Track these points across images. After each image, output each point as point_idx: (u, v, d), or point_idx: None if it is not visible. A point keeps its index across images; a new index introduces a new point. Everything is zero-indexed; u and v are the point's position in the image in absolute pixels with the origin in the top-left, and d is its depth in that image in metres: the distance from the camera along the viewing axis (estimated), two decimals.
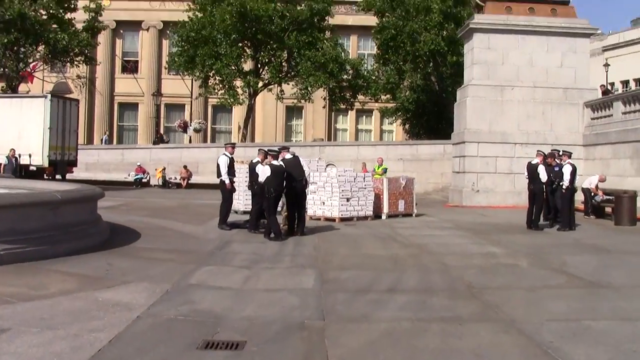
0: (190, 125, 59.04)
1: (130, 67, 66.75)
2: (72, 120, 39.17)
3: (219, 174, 19.64)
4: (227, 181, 19.38)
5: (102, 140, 60.16)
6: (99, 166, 48.47)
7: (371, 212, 24.06)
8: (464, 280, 11.92)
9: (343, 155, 45.91)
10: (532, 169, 21.77)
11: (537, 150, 23.13)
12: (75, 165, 40.22)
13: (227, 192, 19.59)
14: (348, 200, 23.31)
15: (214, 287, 10.83)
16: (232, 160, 19.71)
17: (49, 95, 37.47)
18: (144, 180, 46.10)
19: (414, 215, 25.66)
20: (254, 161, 19.38)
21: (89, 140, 65.03)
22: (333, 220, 23.04)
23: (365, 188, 23.84)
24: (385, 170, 31.49)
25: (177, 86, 61.47)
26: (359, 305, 9.65)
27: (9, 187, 17.06)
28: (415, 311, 9.33)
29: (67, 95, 45.00)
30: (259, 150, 19.80)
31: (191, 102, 61.46)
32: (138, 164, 46.34)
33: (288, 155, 18.79)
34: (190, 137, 59.79)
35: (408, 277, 12.11)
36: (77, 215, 14.10)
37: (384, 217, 24.69)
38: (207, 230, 19.37)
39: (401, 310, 9.41)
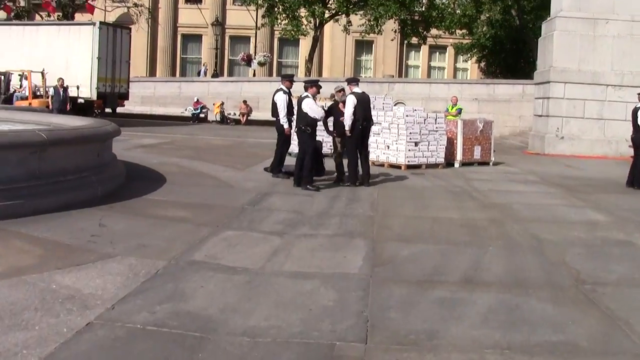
0: (255, 58, 56.22)
1: None
2: (123, 50, 36.55)
3: (274, 114, 16.64)
4: (285, 125, 16.36)
5: (198, 73, 57.27)
6: (154, 100, 45.96)
7: (442, 159, 20.90)
8: (567, 266, 8.76)
9: (414, 93, 42.69)
10: (637, 114, 18.31)
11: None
12: (127, 99, 37.77)
13: (285, 136, 16.64)
14: (416, 144, 20.19)
15: (224, 267, 7.91)
16: (290, 97, 16.68)
17: (98, 23, 34.80)
18: (201, 115, 43.45)
19: (491, 163, 22.42)
20: (303, 96, 16.28)
21: (152, 72, 62.71)
22: (398, 167, 19.99)
23: (436, 131, 20.65)
24: (459, 111, 28.14)
25: (242, 17, 58.40)
26: (422, 312, 6.59)
27: (9, 120, 14.40)
28: (505, 328, 6.19)
29: (128, 26, 42.24)
30: (308, 82, 16.72)
31: (256, 33, 58.44)
32: (196, 98, 43.64)
33: (357, 89, 15.84)
34: (254, 70, 57.00)
35: (490, 258, 9.00)
36: (73, 159, 11.28)
37: (457, 164, 21.53)
38: (249, 176, 16.54)
39: (484, 324, 6.30)
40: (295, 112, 15.85)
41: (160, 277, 7.33)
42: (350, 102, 15.49)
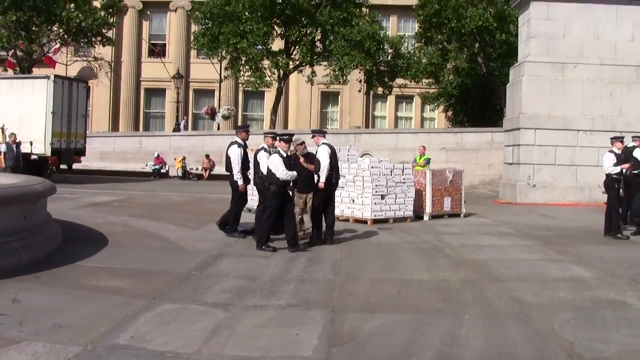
0: (219, 111, 55.17)
1: (158, 50, 62.78)
2: (79, 104, 35.24)
3: (228, 168, 15.39)
4: (240, 181, 15.11)
5: (178, 126, 55.71)
6: (115, 155, 44.58)
7: (411, 212, 19.72)
8: (558, 336, 7.52)
9: (381, 144, 41.76)
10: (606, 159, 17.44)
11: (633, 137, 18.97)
12: (83, 154, 36.32)
13: (240, 192, 15.35)
14: (383, 197, 19.00)
15: (151, 352, 6.57)
16: (245, 151, 15.45)
17: (52, 76, 33.44)
18: (162, 170, 42.16)
19: (462, 215, 21.30)
20: (261, 149, 15.09)
21: (114, 127, 61.45)
22: (364, 222, 18.79)
23: (404, 182, 19.49)
24: (428, 161, 27.08)
25: (206, 71, 57.48)
26: None
27: None
28: None
29: (85, 79, 41.06)
30: (265, 135, 15.60)
31: (220, 87, 57.50)
32: (156, 153, 42.36)
33: (323, 142, 14.76)
34: (218, 124, 55.88)
35: (468, 329, 7.74)
36: None
37: (426, 217, 20.37)
38: (203, 236, 15.25)
39: None
40: (251, 166, 14.84)
41: None
42: (326, 152, 14.38)
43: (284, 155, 13.81)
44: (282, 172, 13.42)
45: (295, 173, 13.93)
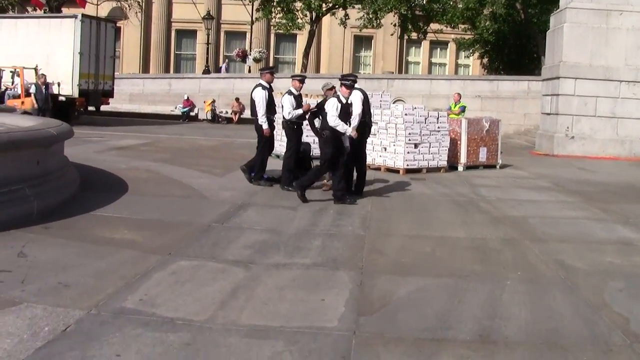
0: (250, 54, 54.30)
1: None
2: (107, 44, 34.61)
3: (253, 112, 14.78)
4: (265, 125, 14.49)
5: (220, 69, 55.00)
6: (144, 97, 43.94)
7: (445, 162, 18.95)
8: (610, 309, 6.78)
9: (414, 90, 40.80)
10: None
11: None
12: (112, 96, 35.72)
13: (266, 138, 14.73)
14: (416, 146, 18.24)
15: (160, 319, 5.92)
16: (270, 93, 14.77)
17: (80, 16, 32.75)
18: (192, 113, 41.54)
19: (498, 167, 20.48)
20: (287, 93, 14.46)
21: (145, 69, 60.78)
22: (396, 171, 18.07)
23: (438, 131, 18.69)
24: (463, 109, 26.16)
25: (237, 12, 56.46)
26: None
27: None
28: None
29: (113, 19, 40.28)
30: (293, 78, 14.89)
31: (251, 29, 56.49)
32: (186, 96, 41.68)
33: (356, 88, 13.91)
34: (249, 67, 55.02)
35: (510, 298, 7.02)
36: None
37: (460, 168, 19.61)
38: (227, 184, 14.60)
39: None
40: (276, 109, 14.69)
41: (66, 339, 5.37)
42: (359, 98, 13.55)
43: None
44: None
45: (300, 111, 13.92)
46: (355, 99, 13.44)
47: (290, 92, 14.12)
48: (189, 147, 22.98)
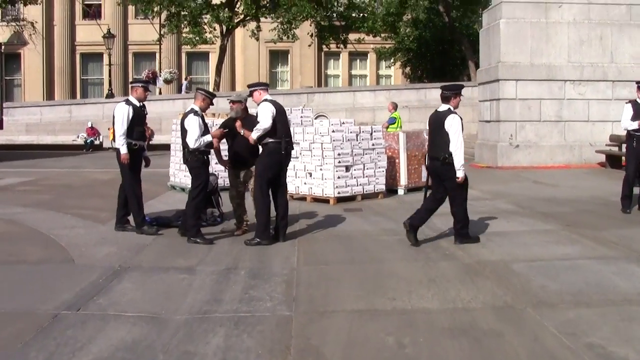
0: (160, 75, 50.84)
1: (93, 11, 57.86)
2: None
3: (114, 137, 11.56)
4: (122, 149, 11.13)
5: (183, 87, 50.56)
6: (42, 127, 39.92)
7: (383, 186, 15.84)
8: None
9: (336, 104, 37.88)
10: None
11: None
12: (0, 128, 31.77)
13: (127, 168, 11.31)
14: (348, 169, 15.07)
15: None
16: (140, 111, 11.44)
17: None
18: (96, 142, 37.69)
19: None
20: (186, 111, 11.01)
21: (49, 96, 56.53)
22: (326, 201, 14.89)
23: (373, 149, 15.57)
24: (392, 121, 23.34)
25: (145, 32, 52.68)
26: None
27: None
28: None
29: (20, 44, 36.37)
30: (197, 92, 11.44)
31: (160, 48, 53.00)
32: (89, 123, 37.78)
33: (268, 97, 10.60)
34: (160, 89, 51.47)
35: None
36: None
37: (401, 191, 16.52)
38: (109, 235, 11.13)
39: None
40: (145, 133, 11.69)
41: None
42: (268, 110, 10.30)
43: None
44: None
45: (209, 138, 10.64)
46: (264, 111, 10.26)
47: (195, 112, 10.69)
48: (79, 182, 19.40)
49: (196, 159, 10.64)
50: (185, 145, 10.60)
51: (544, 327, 6.27)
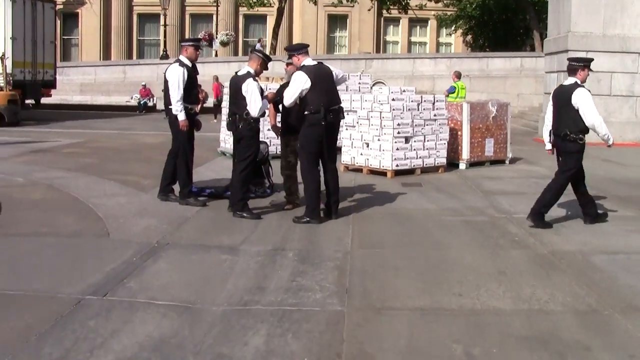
0: (217, 37, 50.05)
1: None
2: (46, 28, 30.19)
3: (166, 98, 10.55)
4: (180, 115, 10.33)
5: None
6: (96, 87, 39.60)
7: (444, 160, 14.88)
8: None
9: (395, 71, 36.84)
10: None
11: None
12: (54, 87, 31.40)
13: (184, 134, 10.55)
14: (407, 140, 14.14)
15: None
16: (192, 74, 10.59)
17: None
18: (149, 104, 37.15)
19: (507, 161, 16.48)
20: (239, 74, 10.11)
21: (106, 56, 56.23)
22: (383, 173, 14.00)
23: (435, 120, 14.59)
24: (452, 90, 22.41)
25: None
26: None
27: None
28: None
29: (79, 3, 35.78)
30: (252, 53, 10.53)
31: (217, 10, 52.27)
32: (143, 84, 37.26)
33: (309, 61, 9.65)
34: (216, 51, 50.79)
35: None
36: None
37: (462, 165, 15.55)
38: (150, 204, 10.41)
39: None
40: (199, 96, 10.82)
41: None
42: (297, 83, 9.42)
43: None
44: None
45: (266, 104, 9.94)
46: (295, 81, 9.43)
47: (252, 76, 9.79)
48: (126, 146, 18.78)
49: (249, 127, 9.75)
50: (236, 111, 9.75)
51: (638, 339, 5.36)
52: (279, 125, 10.48)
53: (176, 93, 10.23)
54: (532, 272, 7.21)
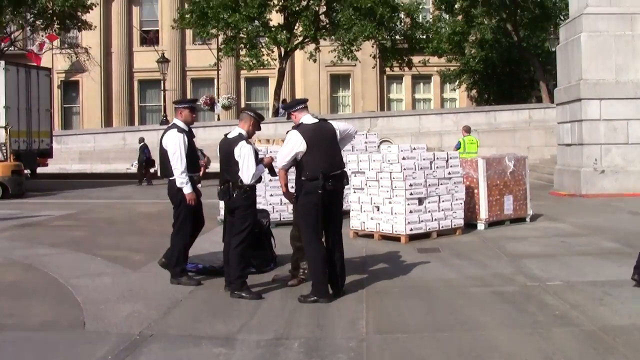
0: (218, 101, 49.44)
1: (150, 37, 56.80)
2: (41, 95, 29.31)
3: (165, 168, 9.47)
4: (186, 188, 9.22)
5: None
6: (95, 155, 38.60)
7: (461, 221, 13.74)
8: None
9: (400, 129, 35.94)
10: None
11: None
12: (50, 156, 30.45)
13: (189, 207, 9.40)
14: (421, 202, 13.02)
15: None
16: (191, 139, 9.53)
17: (2, 63, 27.48)
18: (151, 170, 36.08)
19: (527, 219, 15.34)
20: (230, 136, 9.00)
21: (108, 124, 55.50)
22: (396, 239, 12.83)
23: (449, 178, 13.49)
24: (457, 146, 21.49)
25: (203, 58, 51.18)
26: None
27: None
28: None
29: (46, 67, 34.96)
30: (243, 113, 9.45)
31: (218, 74, 51.70)
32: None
33: (308, 119, 8.61)
34: (218, 115, 50.14)
35: None
36: None
37: (481, 226, 14.37)
38: (138, 284, 9.31)
39: None
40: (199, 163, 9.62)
41: None
42: (290, 144, 8.46)
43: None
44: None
45: (262, 169, 8.88)
46: (288, 141, 8.47)
47: (246, 139, 8.75)
48: (121, 216, 17.70)
49: (245, 196, 8.65)
50: (229, 178, 8.67)
51: None
52: (292, 190, 9.33)
53: (179, 163, 9.11)
54: (585, 356, 6.03)
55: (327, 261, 8.31)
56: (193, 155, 9.32)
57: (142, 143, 32.72)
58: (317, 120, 8.57)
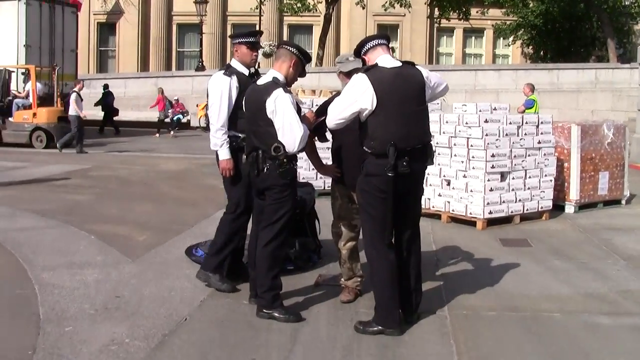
0: (260, 48, 46.96)
1: None
2: (66, 35, 27.11)
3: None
4: (222, 154, 6.58)
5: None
6: (126, 101, 36.12)
7: (550, 203, 11.01)
8: None
9: (454, 85, 32.45)
10: None
11: None
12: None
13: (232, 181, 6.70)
14: (504, 177, 10.34)
15: None
16: (245, 83, 6.57)
17: None
18: (183, 120, 33.60)
19: (623, 201, 12.57)
20: (260, 83, 6.15)
21: (144, 69, 53.27)
22: (470, 222, 10.18)
23: (539, 148, 10.79)
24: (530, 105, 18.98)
25: (246, 1, 49.06)
26: None
27: None
28: None
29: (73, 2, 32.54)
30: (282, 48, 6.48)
31: (260, 20, 49.05)
32: (175, 98, 33.76)
33: (386, 60, 5.70)
34: (259, 63, 47.51)
35: None
36: None
37: (570, 208, 11.62)
38: (125, 289, 6.75)
39: None
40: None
41: None
42: (354, 93, 5.60)
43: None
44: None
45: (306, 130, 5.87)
46: (346, 90, 5.79)
47: (284, 86, 5.94)
48: (138, 176, 15.21)
49: (282, 171, 5.86)
50: (258, 144, 5.94)
51: None
52: (328, 163, 6.70)
53: (216, 116, 6.52)
54: None
55: (397, 275, 5.66)
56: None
57: (107, 90, 31.09)
58: (399, 64, 5.80)
